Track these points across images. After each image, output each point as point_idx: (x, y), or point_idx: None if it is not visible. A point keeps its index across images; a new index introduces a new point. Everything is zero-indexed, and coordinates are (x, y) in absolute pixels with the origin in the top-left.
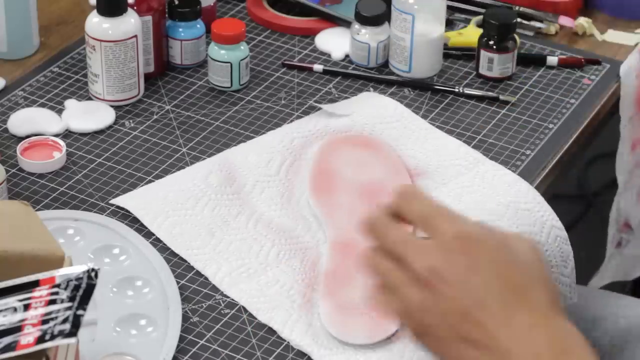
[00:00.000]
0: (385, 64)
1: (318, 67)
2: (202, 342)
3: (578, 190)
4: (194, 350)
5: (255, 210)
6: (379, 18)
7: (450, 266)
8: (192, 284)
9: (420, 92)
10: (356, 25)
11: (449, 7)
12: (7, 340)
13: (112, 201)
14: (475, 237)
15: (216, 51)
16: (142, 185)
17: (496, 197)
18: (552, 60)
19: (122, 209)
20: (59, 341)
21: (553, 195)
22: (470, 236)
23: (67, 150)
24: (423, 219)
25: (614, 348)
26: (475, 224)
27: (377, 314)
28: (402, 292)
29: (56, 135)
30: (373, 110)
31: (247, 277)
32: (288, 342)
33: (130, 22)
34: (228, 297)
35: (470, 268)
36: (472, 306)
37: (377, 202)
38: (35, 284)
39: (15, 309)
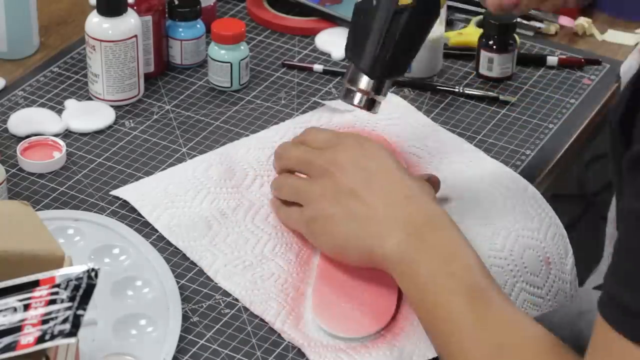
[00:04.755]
0: None
1: (318, 67)
2: (202, 342)
3: (578, 190)
4: (194, 350)
5: (254, 203)
6: None
7: (345, 156)
8: (192, 284)
9: (420, 92)
10: None
11: (449, 7)
12: (7, 340)
13: (112, 192)
14: (361, 142)
15: (216, 51)
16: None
17: (495, 194)
18: (552, 60)
19: (122, 209)
20: (59, 341)
21: (553, 195)
22: (356, 141)
23: (67, 150)
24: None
25: None
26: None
27: (367, 308)
28: (306, 188)
29: (56, 135)
30: None
31: (242, 270)
32: (288, 342)
33: (130, 22)
34: (228, 297)
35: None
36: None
37: None
38: (35, 284)
39: (15, 309)
